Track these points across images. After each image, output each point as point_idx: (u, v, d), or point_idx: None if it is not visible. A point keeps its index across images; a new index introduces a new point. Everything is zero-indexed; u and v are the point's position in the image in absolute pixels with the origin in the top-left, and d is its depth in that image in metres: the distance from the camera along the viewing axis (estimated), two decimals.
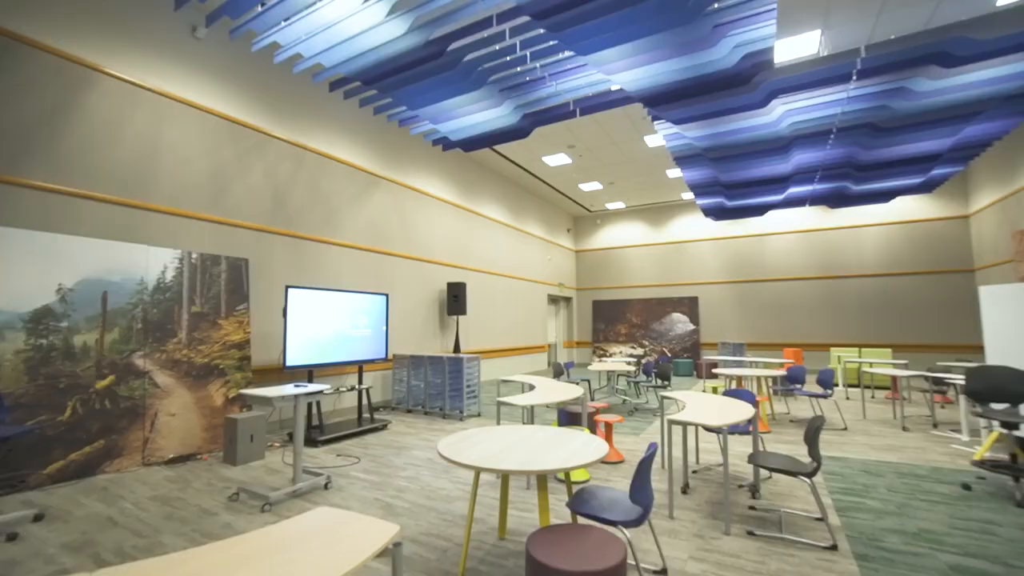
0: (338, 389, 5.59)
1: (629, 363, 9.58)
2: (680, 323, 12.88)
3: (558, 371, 7.38)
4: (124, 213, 4.52)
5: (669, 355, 12.90)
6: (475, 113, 5.92)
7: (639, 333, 13.42)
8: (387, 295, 6.45)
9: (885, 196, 9.03)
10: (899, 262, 10.71)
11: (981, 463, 3.54)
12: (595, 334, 14.15)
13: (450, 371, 6.56)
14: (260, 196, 5.75)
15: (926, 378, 5.85)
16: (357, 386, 5.92)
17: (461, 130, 6.35)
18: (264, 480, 3.86)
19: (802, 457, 4.12)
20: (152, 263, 4.56)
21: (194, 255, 4.92)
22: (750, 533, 2.77)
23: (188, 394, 4.68)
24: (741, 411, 3.27)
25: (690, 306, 12.83)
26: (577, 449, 2.35)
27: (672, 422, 3.05)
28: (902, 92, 5.49)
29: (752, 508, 3.15)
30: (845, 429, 5.46)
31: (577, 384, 4.92)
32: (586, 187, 11.75)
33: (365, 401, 6.93)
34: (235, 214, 5.48)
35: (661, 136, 6.55)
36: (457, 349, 8.40)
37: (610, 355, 13.80)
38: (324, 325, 5.53)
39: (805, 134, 6.55)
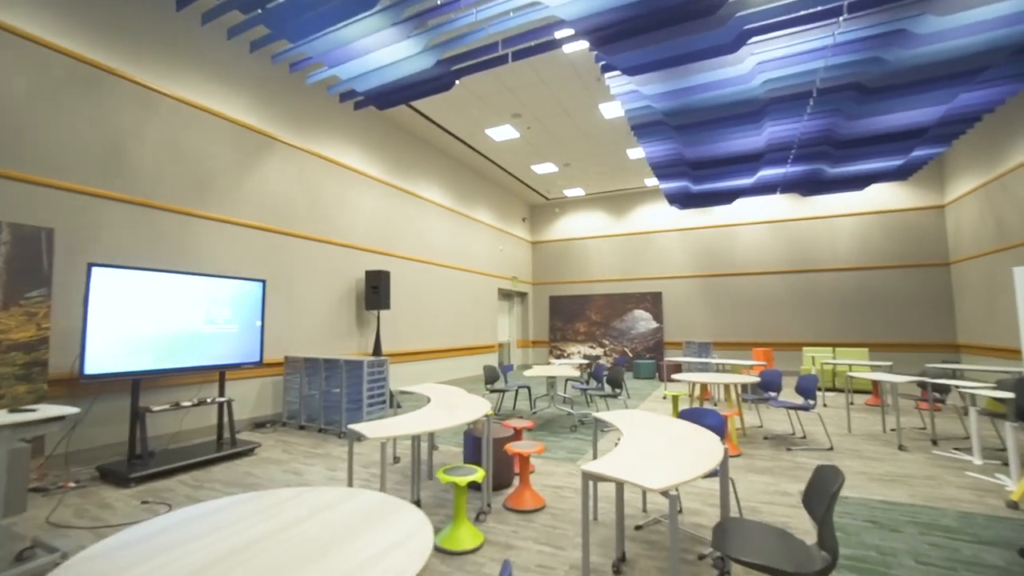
0: (177, 404, 4.18)
1: (576, 366, 8.41)
2: (643, 321, 11.85)
3: (492, 376, 6.15)
4: None
5: (631, 355, 11.85)
6: (376, 51, 4.63)
7: (599, 332, 12.33)
8: (264, 281, 5.06)
9: (860, 182, 8.20)
10: (874, 255, 9.93)
11: None
12: (552, 333, 12.99)
13: (349, 378, 5.23)
14: (84, 148, 4.27)
15: (922, 384, 4.88)
16: (217, 398, 4.52)
17: (365, 77, 5.04)
18: None
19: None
20: None
21: None
22: None
23: None
24: (702, 452, 2.09)
25: (653, 302, 11.82)
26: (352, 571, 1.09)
27: (589, 476, 1.84)
28: (899, 37, 4.46)
29: None
30: (831, 449, 4.40)
31: (512, 391, 3.69)
32: (539, 169, 10.55)
33: (243, 418, 5.52)
34: (36, 168, 3.99)
35: (617, 100, 5.44)
36: (378, 350, 7.05)
37: (568, 355, 12.67)
38: (158, 319, 4.10)
39: (781, 96, 5.51)
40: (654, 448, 2.17)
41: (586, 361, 8.66)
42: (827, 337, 10.11)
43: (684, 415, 2.80)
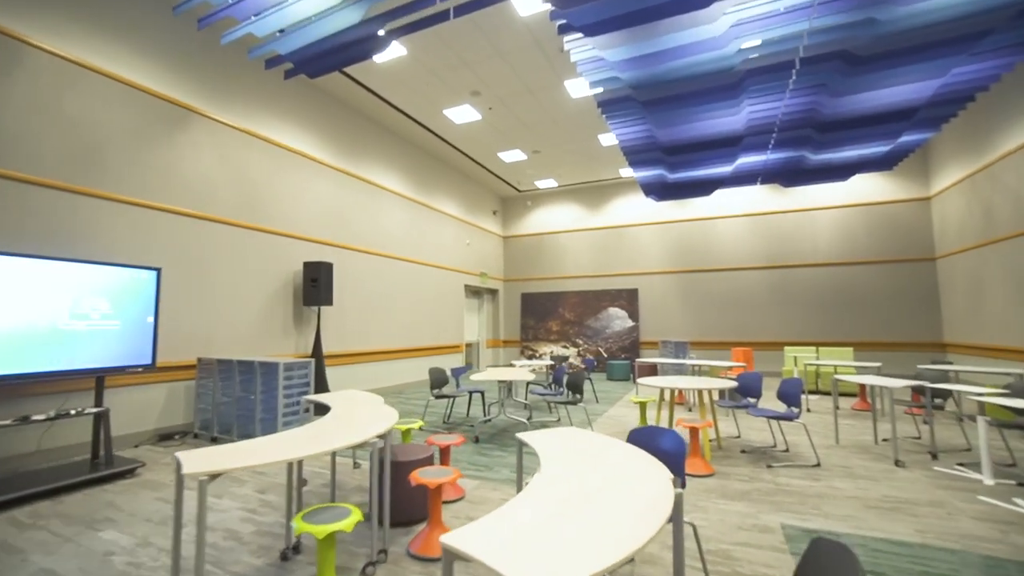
0: (25, 418, 3.39)
1: (536, 368, 7.77)
2: (618, 319, 11.24)
3: (439, 380, 5.43)
4: None
5: (605, 355, 11.24)
6: (292, 4, 3.90)
7: (572, 331, 11.69)
8: (159, 270, 4.27)
9: (844, 172, 7.70)
10: (857, 250, 9.47)
11: None
12: (524, 332, 12.32)
13: (264, 382, 4.47)
14: None
15: (919, 389, 4.31)
16: (88, 409, 3.73)
17: (288, 39, 4.30)
18: None
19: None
20: None
21: None
22: None
23: None
24: (644, 501, 1.42)
25: (629, 299, 11.22)
26: None
27: (452, 555, 1.15)
28: None
29: None
30: (818, 465, 3.80)
31: (463, 396, 2.99)
32: (507, 156, 9.86)
33: (145, 430, 4.72)
34: None
35: (581, 73, 4.83)
36: (317, 351, 6.29)
37: (540, 356, 12.01)
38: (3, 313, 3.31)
39: (760, 68, 4.91)
40: (575, 495, 1.49)
41: (551, 362, 7.99)
42: (809, 336, 9.62)
43: (633, 438, 2.13)
